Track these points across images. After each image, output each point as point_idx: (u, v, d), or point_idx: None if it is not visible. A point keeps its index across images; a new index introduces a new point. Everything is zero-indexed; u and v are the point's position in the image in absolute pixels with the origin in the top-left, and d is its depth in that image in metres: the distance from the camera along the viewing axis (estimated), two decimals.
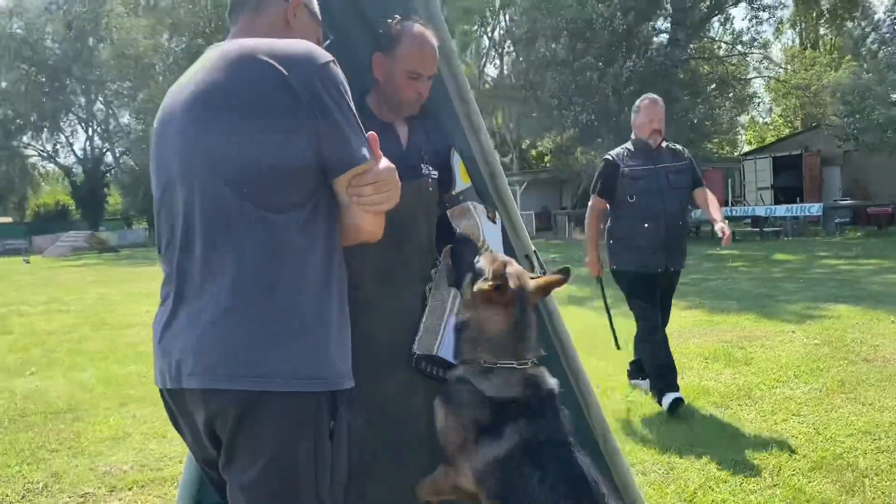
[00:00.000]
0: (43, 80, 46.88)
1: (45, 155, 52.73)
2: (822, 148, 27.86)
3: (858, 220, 23.29)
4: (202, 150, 1.52)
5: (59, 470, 3.94)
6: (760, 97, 39.39)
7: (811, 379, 5.28)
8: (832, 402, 4.71)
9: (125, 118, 48.64)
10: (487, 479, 1.91)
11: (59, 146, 52.48)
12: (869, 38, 33.09)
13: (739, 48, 33.11)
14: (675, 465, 3.74)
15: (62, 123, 50.82)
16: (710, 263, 14.88)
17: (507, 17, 38.15)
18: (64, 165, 53.34)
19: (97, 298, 13.11)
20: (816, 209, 22.37)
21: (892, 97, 21.94)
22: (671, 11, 27.23)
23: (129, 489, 3.65)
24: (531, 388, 2.00)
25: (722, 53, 33.00)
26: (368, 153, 1.57)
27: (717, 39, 34.15)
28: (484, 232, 2.46)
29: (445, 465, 2.05)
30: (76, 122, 51.70)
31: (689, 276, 12.65)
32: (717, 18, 32.73)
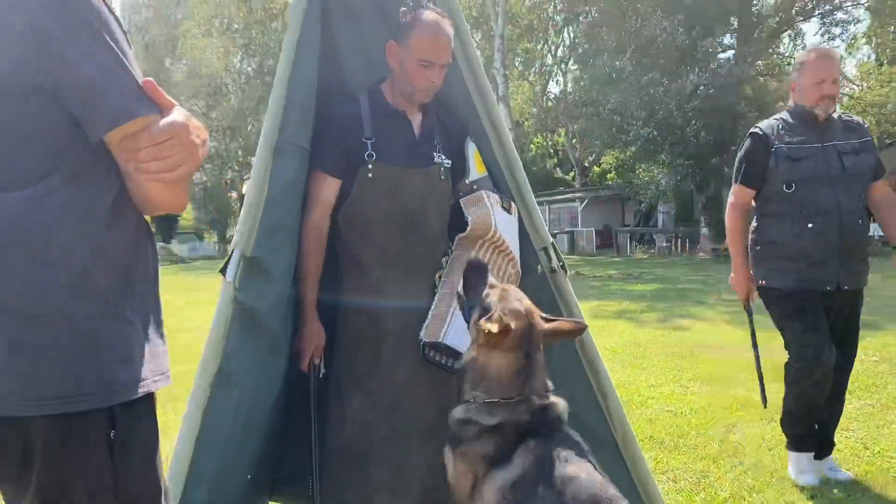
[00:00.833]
0: None
1: None
2: None
3: None
4: None
5: None
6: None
7: (865, 394, 5.05)
8: (885, 417, 4.50)
9: None
10: None
11: None
12: None
13: None
14: (707, 473, 3.62)
15: None
16: None
17: (570, 34, 38.06)
18: None
19: (163, 304, 13.50)
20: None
21: None
22: (737, 26, 26.70)
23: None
24: (538, 414, 1.94)
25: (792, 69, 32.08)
26: (142, 106, 1.16)
27: (786, 55, 33.26)
28: (496, 222, 2.45)
29: None
30: None
31: None
32: (787, 34, 31.93)
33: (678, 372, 5.99)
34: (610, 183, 38.25)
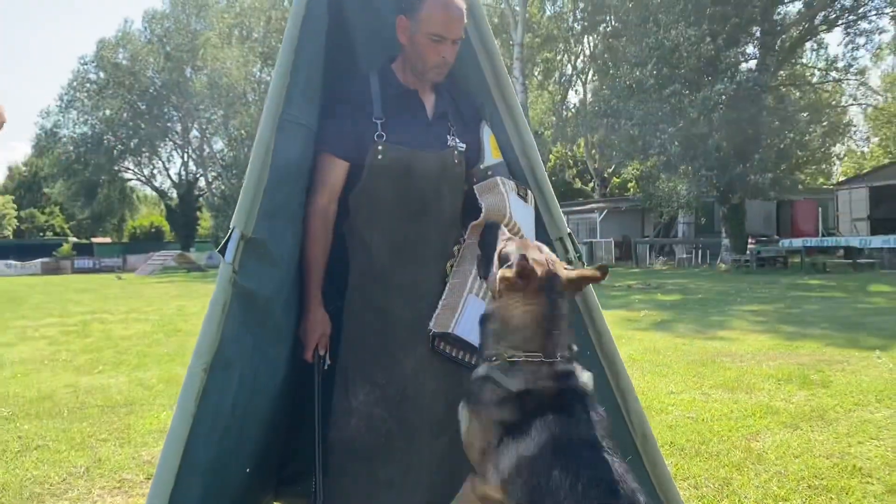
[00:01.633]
0: (143, 108, 49.43)
1: (143, 180, 55.46)
2: None
3: None
4: None
5: (103, 457, 3.99)
6: (856, 126, 37.67)
7: (894, 403, 4.86)
8: None
9: (218, 144, 50.68)
10: (513, 481, 1.71)
11: (156, 171, 55.13)
12: None
13: (834, 74, 31.83)
14: (731, 480, 3.46)
15: (160, 150, 53.41)
16: (797, 292, 14.15)
17: (590, 43, 37.95)
18: (160, 189, 56.00)
19: (176, 310, 13.53)
20: None
21: None
22: (759, 36, 26.43)
23: None
24: (560, 382, 1.81)
25: (815, 80, 31.79)
26: None
27: (808, 65, 32.94)
28: (512, 210, 2.34)
29: (472, 476, 1.88)
30: (173, 148, 54.20)
31: (773, 303, 12.07)
32: (809, 44, 31.62)
33: (699, 379, 5.82)
34: (630, 195, 37.99)
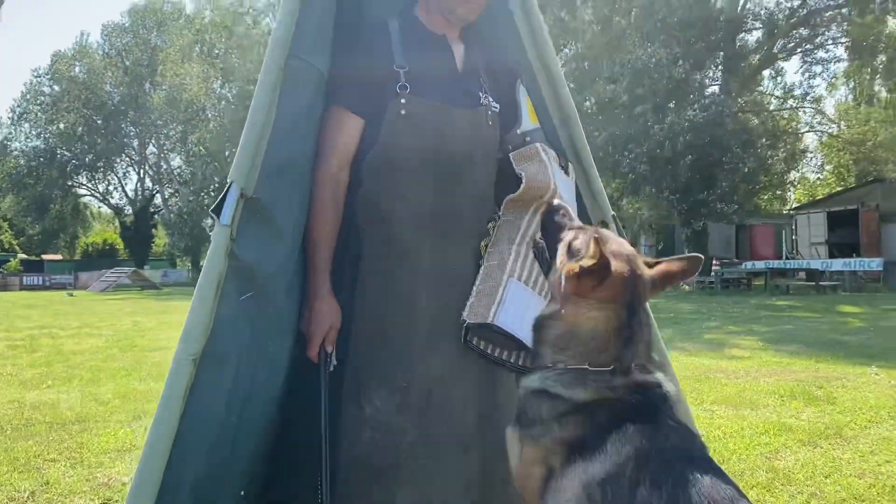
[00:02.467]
0: (99, 122, 48.16)
1: (97, 196, 53.94)
2: (880, 203, 26.83)
3: None
4: None
5: (52, 479, 3.48)
6: (813, 152, 38.55)
7: None
8: None
9: (176, 161, 49.60)
10: None
11: (111, 187, 53.68)
12: None
13: (791, 102, 32.46)
14: (763, 501, 3.13)
15: (116, 165, 52.03)
16: (768, 312, 14.07)
17: (562, 58, 38.11)
18: (115, 206, 54.47)
19: (131, 325, 12.84)
20: (877, 264, 21.35)
21: None
22: (723, 60, 26.81)
23: (123, 501, 3.16)
24: (639, 391, 1.46)
25: (773, 107, 32.34)
26: None
27: (766, 93, 33.54)
28: (556, 181, 1.99)
29: None
30: (129, 164, 52.87)
31: (748, 323, 11.93)
32: (768, 72, 32.20)
33: (698, 395, 5.50)
34: None
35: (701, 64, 24.83)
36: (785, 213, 33.92)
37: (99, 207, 59.63)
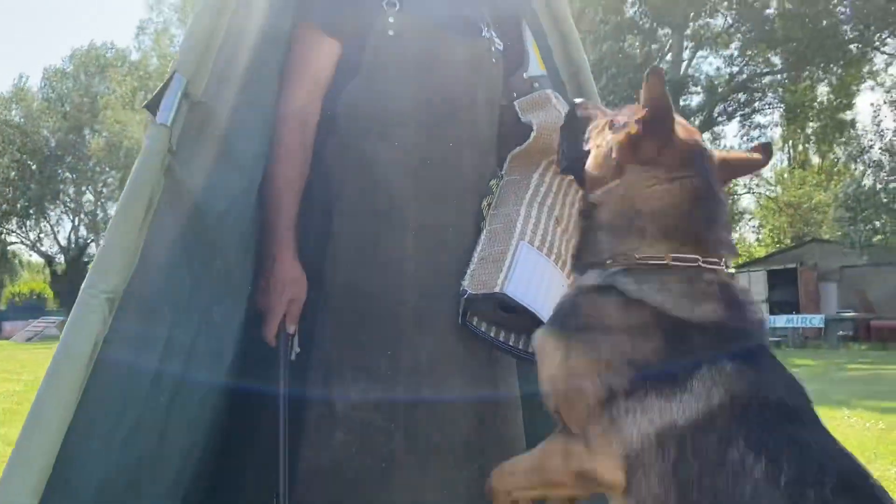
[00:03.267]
0: (34, 168, 46.61)
1: (27, 244, 51.84)
2: (818, 262, 27.57)
3: (860, 333, 22.59)
4: None
5: None
6: (752, 214, 39.78)
7: None
8: None
9: (112, 209, 48.21)
10: (651, 464, 1.00)
11: (43, 235, 51.70)
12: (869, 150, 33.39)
13: None
14: None
15: (49, 212, 50.26)
16: None
17: None
18: (46, 254, 52.38)
19: None
20: (818, 321, 21.72)
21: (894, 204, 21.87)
22: None
23: None
24: (735, 308, 1.11)
25: None
26: None
27: None
28: None
29: (565, 436, 1.12)
30: (63, 211, 51.16)
31: None
32: (707, 135, 33.18)
33: None
34: None
35: None
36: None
37: (29, 255, 57.29)
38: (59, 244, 52.02)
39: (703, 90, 29.44)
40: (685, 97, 28.65)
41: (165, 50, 44.21)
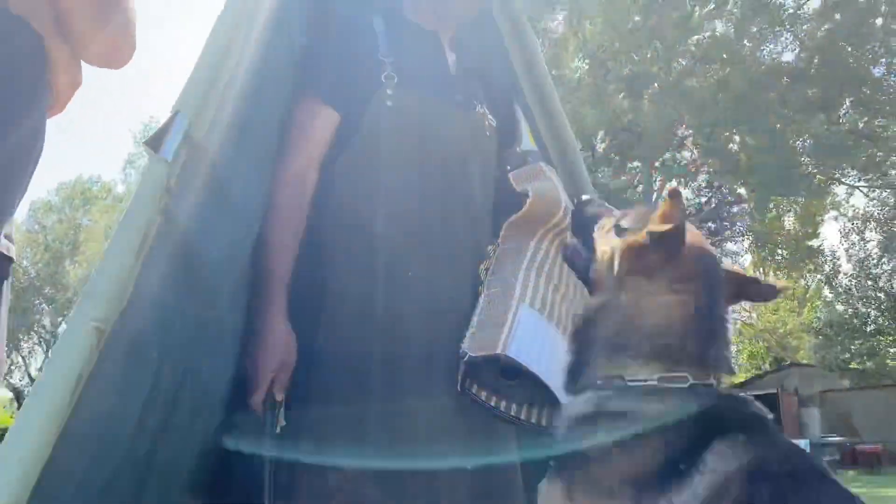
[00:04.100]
0: (12, 299, 46.18)
1: None
2: (798, 387, 27.49)
3: (846, 458, 22.22)
4: None
5: None
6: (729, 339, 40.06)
7: None
8: None
9: None
10: None
11: (14, 367, 50.43)
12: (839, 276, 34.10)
13: None
14: None
15: (22, 343, 49.26)
16: None
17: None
18: (15, 388, 50.84)
19: None
20: (803, 446, 21.37)
21: (868, 329, 22.14)
22: None
23: None
24: (732, 401, 1.10)
25: None
26: None
27: None
28: (567, 202, 1.67)
29: None
30: (37, 342, 50.19)
31: None
32: None
33: None
34: None
35: None
36: None
37: None
38: (29, 376, 50.59)
39: None
40: None
41: None
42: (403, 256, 1.51)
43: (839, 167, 24.08)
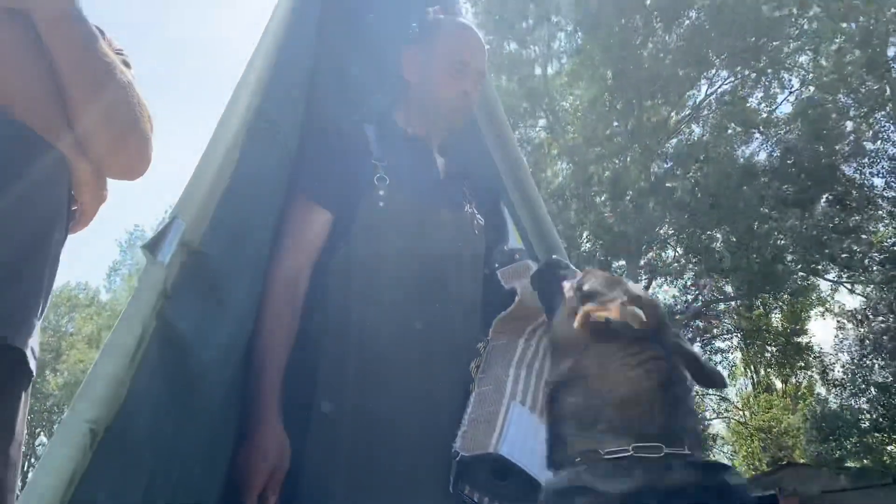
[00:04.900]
0: None
1: None
2: (797, 487, 26.83)
3: None
4: None
5: None
6: (724, 439, 39.25)
7: None
8: None
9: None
10: None
11: None
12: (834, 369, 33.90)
13: (696, 390, 33.68)
14: None
15: None
16: None
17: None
18: None
19: None
20: None
21: (863, 424, 21.84)
22: None
23: None
24: (703, 471, 1.09)
25: None
26: None
27: None
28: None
29: None
30: None
31: None
32: None
33: None
34: None
35: None
36: None
37: None
38: None
39: None
40: None
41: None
42: (398, 356, 1.53)
43: (821, 262, 24.42)
